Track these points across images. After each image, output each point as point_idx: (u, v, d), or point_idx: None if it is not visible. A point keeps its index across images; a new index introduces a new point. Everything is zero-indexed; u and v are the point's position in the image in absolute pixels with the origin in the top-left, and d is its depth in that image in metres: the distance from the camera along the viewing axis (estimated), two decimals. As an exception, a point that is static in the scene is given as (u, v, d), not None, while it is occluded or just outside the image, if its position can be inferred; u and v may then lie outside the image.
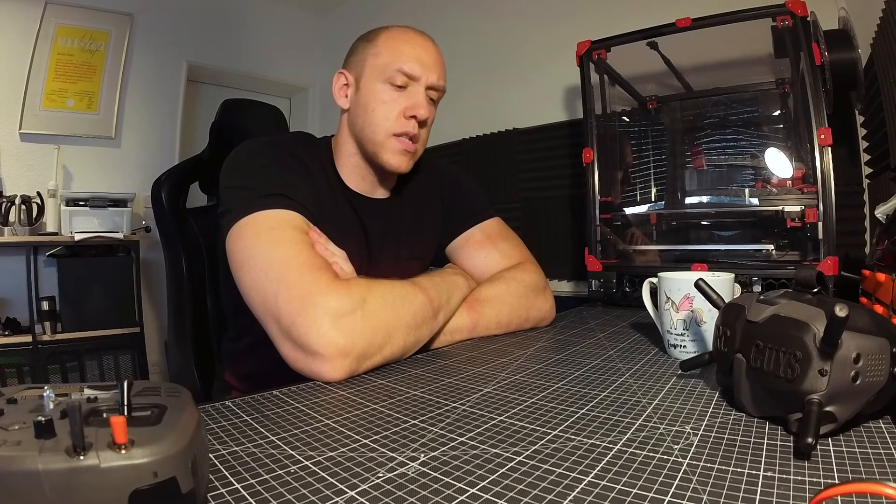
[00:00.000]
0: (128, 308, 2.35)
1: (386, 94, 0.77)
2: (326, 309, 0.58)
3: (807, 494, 0.30)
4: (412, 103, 0.77)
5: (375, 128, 0.77)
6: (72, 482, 0.22)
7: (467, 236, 0.91)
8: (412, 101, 0.77)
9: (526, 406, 0.48)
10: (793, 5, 1.00)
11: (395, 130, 0.77)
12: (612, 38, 1.26)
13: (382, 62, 0.77)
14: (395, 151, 0.78)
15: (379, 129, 0.77)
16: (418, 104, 0.77)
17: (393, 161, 0.78)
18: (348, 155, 0.82)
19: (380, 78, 0.77)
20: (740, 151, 1.25)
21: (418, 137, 0.79)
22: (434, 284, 0.72)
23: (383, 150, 0.78)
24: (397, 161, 0.79)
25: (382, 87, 0.77)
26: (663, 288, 0.67)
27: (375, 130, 0.77)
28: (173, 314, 1.00)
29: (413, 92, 0.77)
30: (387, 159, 0.78)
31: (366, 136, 0.79)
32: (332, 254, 0.69)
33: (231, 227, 0.67)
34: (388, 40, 0.78)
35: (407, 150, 0.78)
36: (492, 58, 2.18)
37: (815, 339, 0.38)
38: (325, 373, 0.57)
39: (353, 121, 0.81)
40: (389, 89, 0.77)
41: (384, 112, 0.77)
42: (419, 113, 0.77)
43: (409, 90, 0.77)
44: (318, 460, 0.37)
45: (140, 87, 2.59)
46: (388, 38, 0.79)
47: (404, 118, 0.77)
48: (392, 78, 0.76)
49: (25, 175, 2.29)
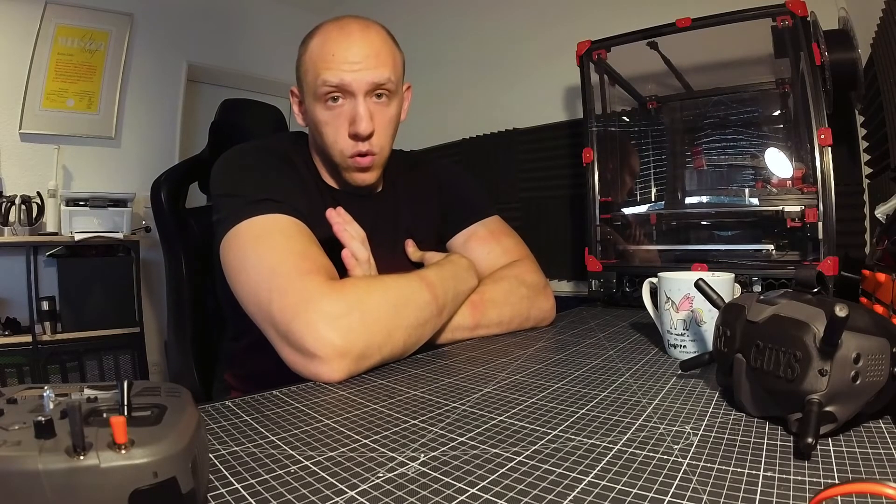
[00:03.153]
0: (128, 308, 2.35)
1: (324, 114, 0.73)
2: (320, 313, 0.58)
3: (807, 494, 0.30)
4: (351, 118, 0.72)
5: (330, 150, 0.76)
6: (72, 482, 0.22)
7: (470, 232, 0.91)
8: (350, 117, 0.72)
9: (526, 406, 0.48)
10: (793, 5, 1.00)
11: (346, 152, 0.74)
12: (612, 38, 1.26)
13: (311, 79, 0.72)
14: (354, 170, 0.77)
15: (333, 151, 0.75)
16: (357, 118, 0.71)
17: (357, 179, 0.78)
18: (322, 163, 0.82)
19: (314, 96, 0.72)
20: (740, 151, 1.25)
21: (371, 149, 0.75)
22: (442, 280, 0.71)
23: (344, 170, 0.77)
24: (361, 178, 0.78)
25: (320, 107, 0.73)
26: (663, 288, 0.67)
27: (331, 153, 0.76)
28: (173, 314, 1.00)
29: (350, 106, 0.72)
30: (351, 178, 0.78)
31: (326, 157, 0.78)
32: (351, 236, 0.68)
33: (223, 237, 0.68)
34: (313, 50, 0.72)
35: (365, 167, 0.76)
36: (492, 58, 2.18)
37: (815, 339, 0.38)
38: (325, 374, 0.57)
39: (311, 140, 0.80)
40: (325, 108, 0.72)
41: (331, 135, 0.74)
42: (359, 129, 0.71)
43: (346, 103, 0.72)
44: (318, 460, 0.37)
45: (140, 87, 2.59)
46: (312, 48, 0.73)
47: (349, 138, 0.73)
48: (323, 95, 0.71)
49: (25, 175, 2.28)
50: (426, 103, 1.91)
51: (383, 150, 0.78)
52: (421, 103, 0.85)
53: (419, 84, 0.98)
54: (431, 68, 2.22)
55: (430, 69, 2.19)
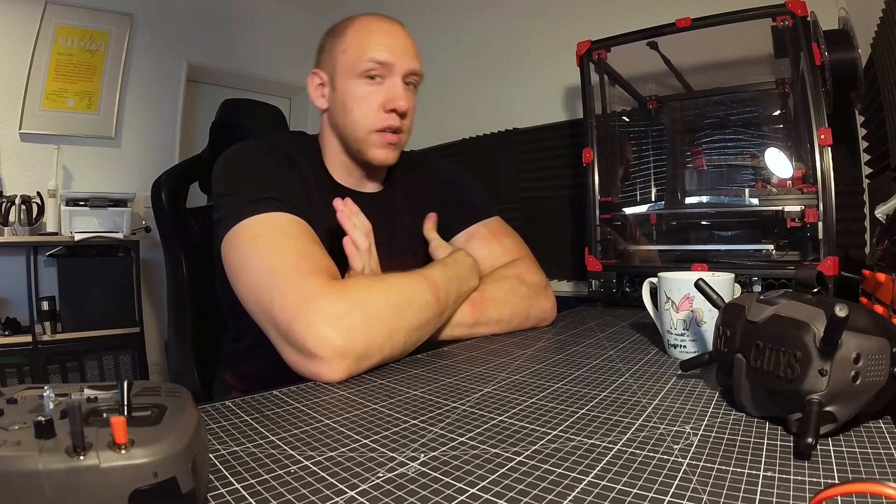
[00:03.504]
0: (128, 308, 2.35)
1: (361, 89, 0.76)
2: (321, 313, 0.58)
3: (807, 494, 0.30)
4: (391, 95, 0.75)
5: (356, 125, 0.77)
6: (72, 482, 0.22)
7: (471, 232, 0.91)
8: (390, 94, 0.75)
9: (526, 406, 0.48)
10: (793, 5, 1.00)
11: (376, 126, 0.76)
12: (612, 38, 1.26)
13: (352, 57, 0.75)
14: (379, 146, 0.78)
15: (359, 126, 0.77)
16: (397, 95, 0.75)
17: (379, 155, 0.78)
18: (334, 153, 0.82)
19: (352, 73, 0.76)
20: (740, 151, 1.25)
21: (402, 128, 0.78)
22: (446, 281, 0.71)
23: (367, 146, 0.78)
24: (383, 155, 0.79)
25: (356, 83, 0.76)
26: (663, 288, 0.67)
27: (356, 128, 0.77)
28: (173, 314, 1.00)
29: (390, 84, 0.76)
30: (372, 155, 0.78)
31: (348, 135, 0.78)
32: (354, 225, 0.69)
33: (224, 236, 0.68)
34: (355, 33, 0.77)
35: (391, 143, 0.78)
36: (492, 58, 2.18)
37: (815, 339, 0.38)
38: (325, 374, 0.57)
39: (333, 120, 0.80)
40: (364, 84, 0.75)
41: (362, 109, 0.76)
42: (399, 105, 0.75)
43: (385, 82, 0.76)
44: (318, 460, 0.37)
45: (140, 87, 2.59)
46: (354, 31, 0.77)
47: (384, 112, 0.76)
48: (365, 71, 0.75)
49: (25, 175, 2.29)
50: (426, 103, 1.90)
51: (408, 132, 0.81)
52: (421, 103, 0.86)
53: (419, 84, 0.97)
54: (431, 68, 2.20)
55: (430, 69, 2.17)
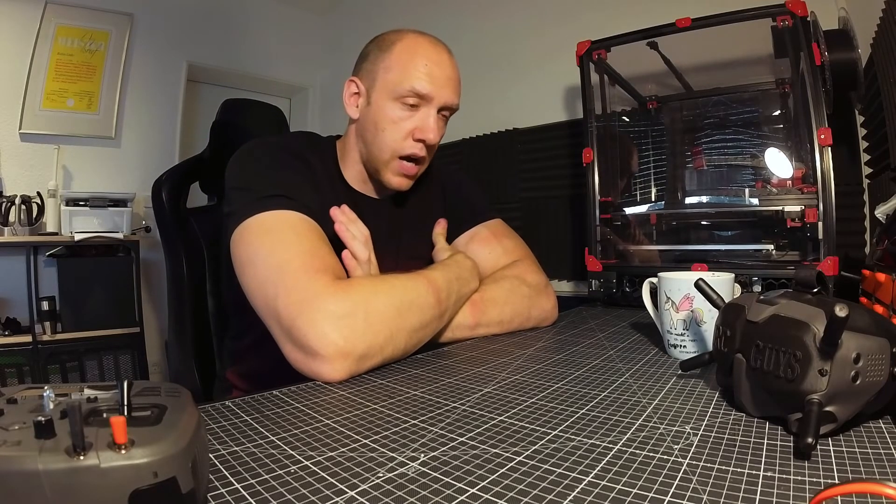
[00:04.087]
0: (128, 308, 2.35)
1: (396, 112, 0.75)
2: (325, 312, 0.58)
3: (807, 494, 0.30)
4: (422, 125, 0.75)
5: (382, 146, 0.77)
6: (72, 482, 0.22)
7: (472, 233, 0.92)
8: (422, 124, 0.75)
9: (526, 406, 0.48)
10: (793, 5, 1.00)
11: (401, 152, 0.76)
12: (612, 38, 1.26)
13: (394, 78, 0.75)
14: (397, 173, 0.78)
15: (386, 148, 0.76)
16: (428, 128, 0.75)
17: (394, 182, 0.79)
18: (354, 161, 0.82)
19: (391, 95, 0.75)
20: (740, 151, 1.25)
21: (424, 160, 0.78)
22: (447, 282, 0.71)
23: (386, 169, 0.78)
24: (398, 182, 0.79)
25: (392, 105, 0.75)
26: (663, 288, 0.67)
27: (382, 149, 0.77)
28: (173, 314, 1.00)
29: (424, 114, 0.76)
30: (388, 179, 0.79)
31: (372, 153, 0.78)
32: (353, 236, 0.69)
33: (234, 230, 0.68)
34: (402, 53, 0.76)
35: (408, 175, 0.78)
36: (492, 58, 2.18)
37: (815, 339, 0.38)
38: (326, 373, 0.57)
39: (361, 133, 0.80)
40: (400, 108, 0.75)
41: (393, 132, 0.76)
42: (428, 137, 0.75)
43: (420, 111, 0.76)
44: (318, 460, 0.37)
45: (140, 87, 2.59)
46: (401, 51, 0.76)
47: (412, 140, 0.76)
48: (403, 97, 0.74)
49: (25, 175, 2.28)
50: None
51: (427, 163, 0.81)
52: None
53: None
54: (431, 68, 2.21)
55: (430, 69, 2.19)
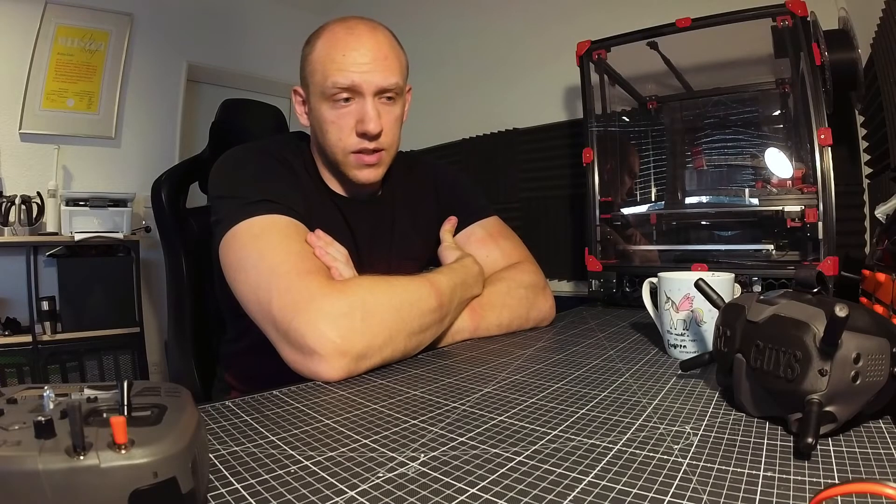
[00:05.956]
0: (128, 308, 2.35)
1: (332, 112, 0.73)
2: (321, 311, 0.58)
3: (807, 494, 0.30)
4: (361, 118, 0.72)
5: (333, 148, 0.75)
6: (72, 482, 0.22)
7: (468, 233, 0.91)
8: (360, 115, 0.72)
9: (526, 406, 0.48)
10: (793, 5, 1.00)
11: (351, 149, 0.74)
12: (612, 38, 1.26)
13: (319, 80, 0.72)
14: (358, 167, 0.76)
15: (336, 149, 0.75)
16: (366, 118, 0.72)
17: (360, 176, 0.77)
18: (322, 166, 0.82)
19: (322, 97, 0.73)
20: (740, 151, 1.25)
21: (379, 147, 0.75)
22: (451, 286, 0.71)
23: (346, 167, 0.77)
24: (364, 175, 0.77)
25: (326, 106, 0.73)
26: (663, 288, 0.67)
27: (333, 151, 0.76)
28: (173, 314, 1.00)
29: (359, 105, 0.72)
30: (353, 175, 0.77)
31: (327, 156, 0.78)
32: (334, 258, 0.68)
33: (221, 238, 0.68)
34: (321, 51, 0.72)
35: (369, 164, 0.76)
36: (492, 58, 2.18)
37: (815, 339, 0.38)
38: (324, 372, 0.57)
39: (314, 139, 0.80)
40: (334, 106, 0.72)
41: (335, 132, 0.74)
42: (369, 128, 0.72)
43: (355, 102, 0.72)
44: (318, 460, 0.37)
45: (140, 87, 2.59)
46: (320, 49, 0.73)
47: (356, 135, 0.73)
48: (333, 96, 0.71)
49: (25, 175, 2.28)
50: (426, 103, 1.91)
51: (391, 147, 0.78)
52: (421, 103, 0.85)
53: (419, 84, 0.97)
54: (431, 68, 2.22)
55: (429, 69, 2.19)
